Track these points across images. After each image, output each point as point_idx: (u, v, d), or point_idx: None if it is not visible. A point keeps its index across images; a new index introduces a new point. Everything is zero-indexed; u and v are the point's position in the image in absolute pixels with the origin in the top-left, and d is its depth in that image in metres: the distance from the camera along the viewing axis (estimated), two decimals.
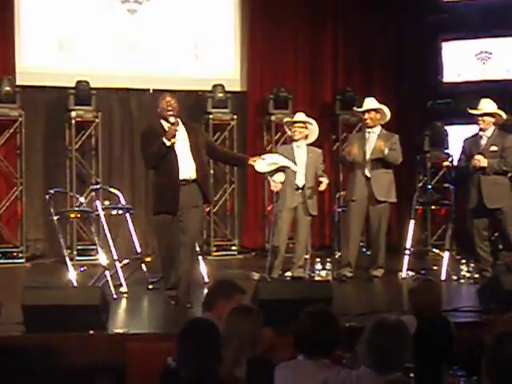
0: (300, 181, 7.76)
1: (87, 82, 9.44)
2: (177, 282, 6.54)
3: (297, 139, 7.86)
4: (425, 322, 4.26)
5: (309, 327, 3.54)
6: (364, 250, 9.36)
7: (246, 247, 10.16)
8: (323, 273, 7.83)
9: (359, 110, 8.10)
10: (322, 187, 7.76)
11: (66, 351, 5.04)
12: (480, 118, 7.76)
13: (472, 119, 7.98)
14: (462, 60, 10.17)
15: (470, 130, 8.15)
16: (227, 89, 10.00)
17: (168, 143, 6.39)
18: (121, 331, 5.48)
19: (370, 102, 8.01)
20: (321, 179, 7.72)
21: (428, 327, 4.25)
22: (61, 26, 9.70)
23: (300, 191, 7.75)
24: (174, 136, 6.40)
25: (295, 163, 7.67)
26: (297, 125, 7.87)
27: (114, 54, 9.90)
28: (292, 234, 8.12)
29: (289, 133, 8.10)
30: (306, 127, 7.89)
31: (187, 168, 6.46)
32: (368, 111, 7.92)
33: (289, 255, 7.96)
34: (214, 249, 9.91)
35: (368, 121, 7.95)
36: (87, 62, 9.77)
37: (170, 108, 6.51)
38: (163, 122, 6.55)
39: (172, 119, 6.47)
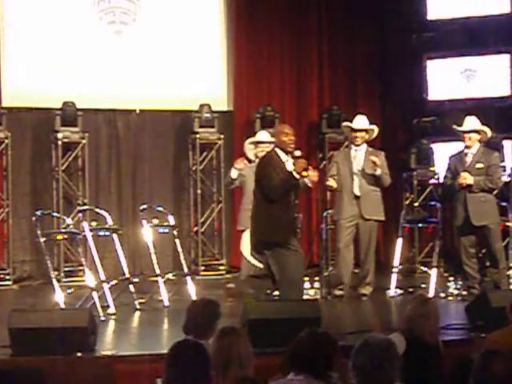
0: None
1: (73, 103, 9.43)
2: None
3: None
4: (414, 341, 4.25)
5: (308, 347, 3.50)
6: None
7: (235, 267, 10.12)
8: (311, 292, 7.82)
9: (354, 126, 8.01)
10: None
11: (53, 374, 5.00)
12: (466, 136, 7.80)
13: (457, 136, 8.01)
14: (447, 78, 10.24)
15: (456, 147, 8.19)
16: (214, 108, 10.01)
17: (298, 176, 6.62)
18: (109, 353, 5.45)
19: (363, 122, 8.00)
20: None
21: (417, 346, 4.24)
22: (47, 47, 9.69)
23: None
24: (305, 169, 6.63)
25: None
26: (261, 147, 7.85)
27: (100, 75, 9.89)
28: None
29: (249, 153, 8.06)
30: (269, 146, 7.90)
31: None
32: (360, 130, 7.94)
33: None
34: (202, 268, 9.88)
35: (358, 139, 7.96)
36: (73, 83, 9.74)
37: (291, 142, 6.73)
38: (280, 152, 6.73)
39: (298, 152, 6.70)
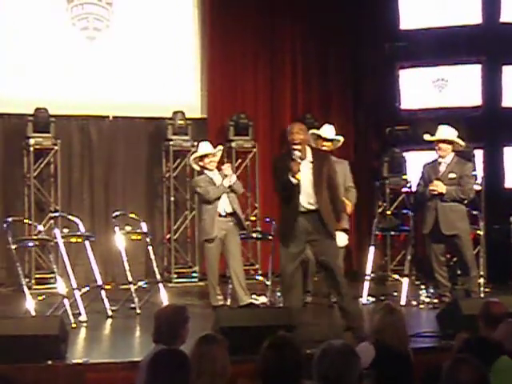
0: (227, 207, 7.70)
1: (46, 110, 9.38)
2: None
3: (212, 169, 7.81)
4: (384, 351, 4.26)
5: (272, 358, 3.48)
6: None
7: (207, 274, 10.09)
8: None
9: (323, 135, 8.00)
10: None
11: (24, 382, 4.96)
12: (438, 145, 7.83)
13: (430, 145, 8.06)
14: (419, 87, 10.33)
15: (428, 156, 8.24)
16: (187, 115, 10.01)
17: (294, 181, 6.19)
18: (80, 361, 5.42)
19: (331, 132, 8.01)
20: None
21: (387, 356, 4.26)
22: (19, 53, 9.64)
23: (226, 218, 7.69)
24: (296, 173, 6.17)
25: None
26: (209, 159, 7.80)
27: (73, 81, 9.85)
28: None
29: (195, 166, 7.99)
30: (214, 155, 7.91)
31: (306, 199, 6.30)
32: (329, 140, 7.95)
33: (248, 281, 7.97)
34: (175, 276, 9.86)
35: (325, 148, 7.97)
36: (46, 89, 9.71)
37: (292, 142, 6.25)
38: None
39: (297, 153, 6.22)
